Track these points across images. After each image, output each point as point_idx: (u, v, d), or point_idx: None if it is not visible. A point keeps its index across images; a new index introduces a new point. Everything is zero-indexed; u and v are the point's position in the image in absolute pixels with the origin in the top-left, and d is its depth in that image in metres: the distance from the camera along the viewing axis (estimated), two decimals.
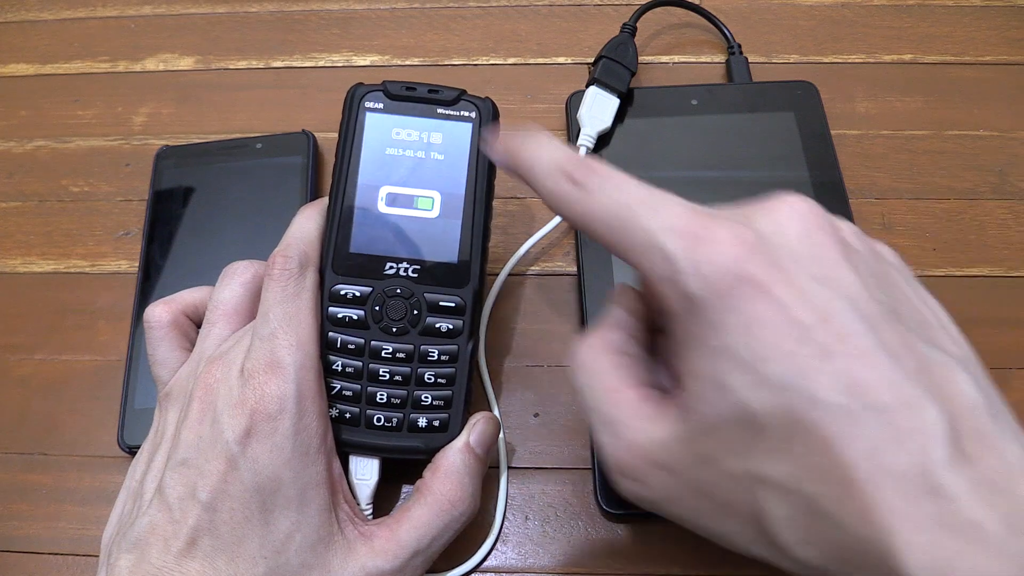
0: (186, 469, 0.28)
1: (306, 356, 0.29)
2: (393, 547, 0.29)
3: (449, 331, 0.32)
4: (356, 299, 0.32)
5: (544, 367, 0.38)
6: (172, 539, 0.27)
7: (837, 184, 0.40)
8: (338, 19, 0.49)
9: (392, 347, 0.32)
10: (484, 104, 0.33)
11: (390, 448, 0.32)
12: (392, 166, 0.32)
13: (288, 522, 0.27)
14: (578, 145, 0.41)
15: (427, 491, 0.30)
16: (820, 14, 0.48)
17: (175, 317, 0.32)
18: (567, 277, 0.40)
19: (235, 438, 0.27)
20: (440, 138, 0.32)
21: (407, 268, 0.32)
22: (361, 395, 0.31)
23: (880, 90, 0.45)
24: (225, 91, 0.47)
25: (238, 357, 0.29)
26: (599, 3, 0.49)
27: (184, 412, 0.29)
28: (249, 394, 0.28)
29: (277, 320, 0.29)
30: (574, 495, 0.35)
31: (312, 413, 0.29)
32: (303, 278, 0.30)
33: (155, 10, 0.50)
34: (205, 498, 0.27)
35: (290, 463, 0.28)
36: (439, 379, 0.32)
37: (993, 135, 0.43)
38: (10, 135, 0.46)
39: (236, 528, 0.27)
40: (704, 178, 0.41)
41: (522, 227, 0.41)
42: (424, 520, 0.29)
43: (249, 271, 0.32)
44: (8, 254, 0.42)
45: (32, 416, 0.38)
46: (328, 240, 0.32)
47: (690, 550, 0.33)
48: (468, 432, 0.32)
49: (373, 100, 0.33)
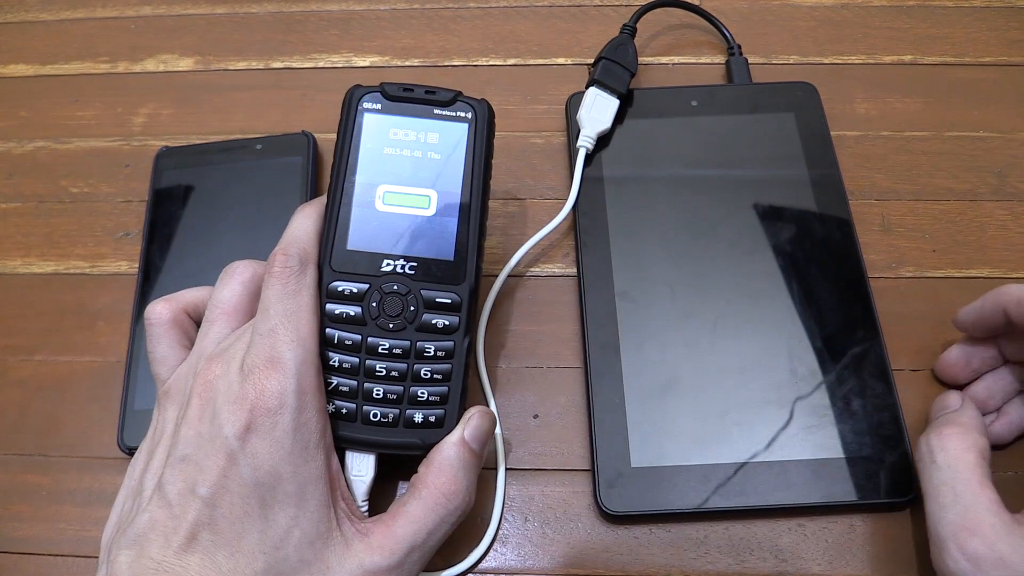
0: (186, 465, 0.28)
1: (306, 352, 0.29)
2: (390, 543, 0.29)
3: (445, 327, 0.32)
4: (353, 296, 0.32)
5: (544, 368, 0.38)
6: (172, 534, 0.27)
7: (837, 185, 0.40)
8: (338, 20, 0.49)
9: (389, 343, 0.32)
10: (480, 105, 0.33)
11: (386, 444, 0.32)
12: (389, 165, 0.33)
13: (287, 517, 0.27)
14: (578, 146, 0.41)
15: (422, 486, 0.30)
16: (820, 15, 0.48)
17: (175, 315, 0.32)
18: (567, 278, 0.40)
19: (235, 433, 0.27)
20: (437, 138, 0.33)
21: (404, 265, 0.32)
22: (358, 391, 0.32)
23: (880, 91, 0.45)
24: (225, 92, 0.47)
25: (238, 354, 0.29)
26: (599, 4, 0.49)
27: (184, 409, 0.29)
28: (249, 389, 0.28)
29: (277, 316, 0.29)
30: (574, 496, 0.35)
31: (312, 409, 0.29)
32: (303, 275, 0.30)
33: (155, 11, 0.50)
34: (205, 493, 0.27)
35: (289, 458, 0.28)
36: (435, 375, 0.32)
37: (993, 136, 0.43)
38: (10, 136, 0.46)
39: (235, 523, 0.27)
40: (704, 179, 0.41)
41: (521, 228, 0.41)
42: (419, 515, 0.29)
43: (249, 270, 0.32)
44: (8, 255, 0.42)
45: (32, 417, 0.38)
46: (326, 237, 0.32)
47: (690, 551, 0.34)
48: (463, 426, 0.32)
49: (371, 101, 0.33)
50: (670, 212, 0.40)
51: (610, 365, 0.36)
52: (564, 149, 0.44)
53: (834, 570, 0.33)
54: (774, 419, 0.35)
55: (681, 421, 0.35)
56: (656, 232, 0.40)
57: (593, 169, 0.41)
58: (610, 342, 0.37)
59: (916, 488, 0.32)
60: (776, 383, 0.36)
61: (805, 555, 0.33)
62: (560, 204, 0.41)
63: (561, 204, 0.40)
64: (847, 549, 0.33)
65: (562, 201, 0.41)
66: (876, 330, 0.37)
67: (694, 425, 0.35)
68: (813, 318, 0.37)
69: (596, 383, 0.36)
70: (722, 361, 0.36)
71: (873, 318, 0.37)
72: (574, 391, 0.37)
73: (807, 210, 0.40)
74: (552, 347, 0.38)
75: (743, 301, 0.38)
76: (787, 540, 0.34)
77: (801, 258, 0.39)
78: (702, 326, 0.37)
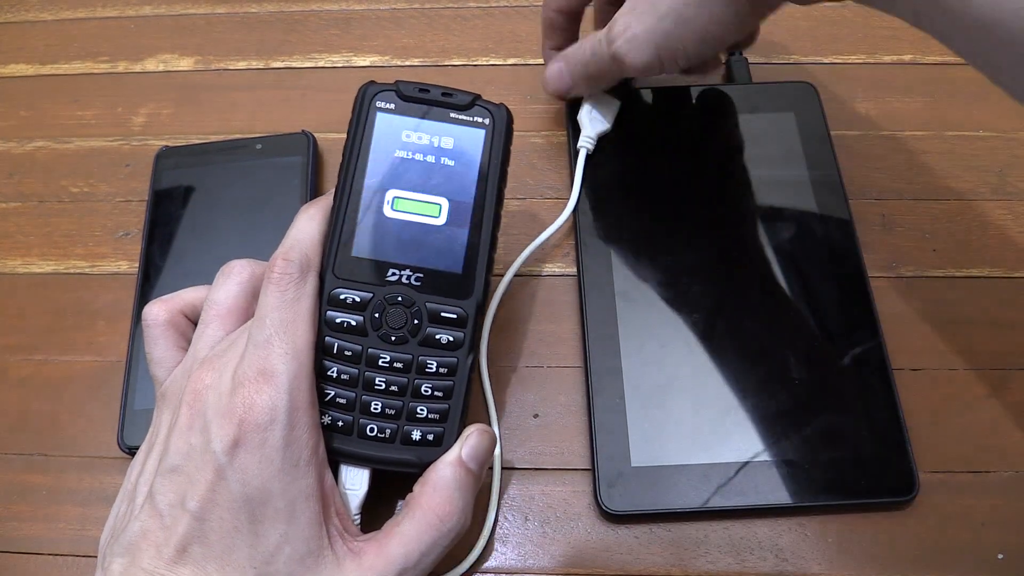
0: (176, 476, 0.27)
1: (300, 366, 0.28)
2: (381, 563, 0.28)
3: (449, 343, 0.31)
4: (356, 304, 0.31)
5: (544, 368, 0.38)
6: (163, 546, 0.27)
7: (836, 184, 0.40)
8: (338, 19, 0.49)
9: (390, 356, 0.31)
10: (499, 111, 0.32)
11: (382, 460, 0.31)
12: (400, 169, 0.31)
13: (277, 534, 0.27)
14: (579, 147, 0.41)
15: (416, 506, 0.29)
16: (820, 14, 0.48)
17: (172, 316, 0.32)
18: (567, 278, 0.40)
19: (223, 448, 0.27)
20: (451, 143, 0.32)
21: (410, 276, 0.31)
22: (355, 403, 0.31)
23: (880, 90, 0.45)
24: (225, 91, 0.47)
25: (231, 362, 0.28)
26: None
27: (175, 417, 0.29)
28: (238, 403, 0.27)
29: (273, 326, 0.28)
30: (573, 496, 0.35)
31: (304, 425, 0.28)
32: (303, 283, 0.30)
33: (155, 10, 0.50)
34: (194, 508, 0.27)
35: (279, 475, 0.27)
36: (436, 392, 0.31)
37: (993, 135, 0.43)
38: (10, 135, 0.46)
39: (225, 537, 0.27)
40: (705, 179, 0.41)
41: (523, 228, 0.41)
42: (412, 536, 0.29)
43: (246, 271, 0.31)
44: (8, 255, 0.42)
45: (32, 417, 0.38)
46: (330, 242, 0.31)
47: (690, 550, 0.34)
48: (460, 445, 0.31)
49: (385, 100, 0.32)
50: (670, 212, 0.40)
51: (610, 365, 0.36)
52: (564, 149, 0.44)
53: (834, 570, 0.33)
54: (774, 419, 0.35)
55: (681, 421, 0.35)
56: (656, 232, 0.40)
57: (593, 169, 0.41)
58: (610, 342, 0.37)
59: (917, 487, 0.32)
60: (776, 383, 0.36)
61: (805, 555, 0.33)
62: (560, 204, 0.41)
63: (561, 204, 0.40)
64: (847, 549, 0.33)
65: (562, 201, 0.41)
66: (876, 330, 0.37)
67: (694, 425, 0.35)
68: (813, 318, 0.37)
69: (596, 383, 0.36)
70: (722, 361, 0.36)
71: (873, 318, 0.37)
72: (574, 391, 0.37)
73: (807, 210, 0.40)
74: (552, 347, 0.38)
75: (744, 300, 0.38)
76: (787, 540, 0.34)
77: (801, 258, 0.39)
78: (702, 326, 0.37)
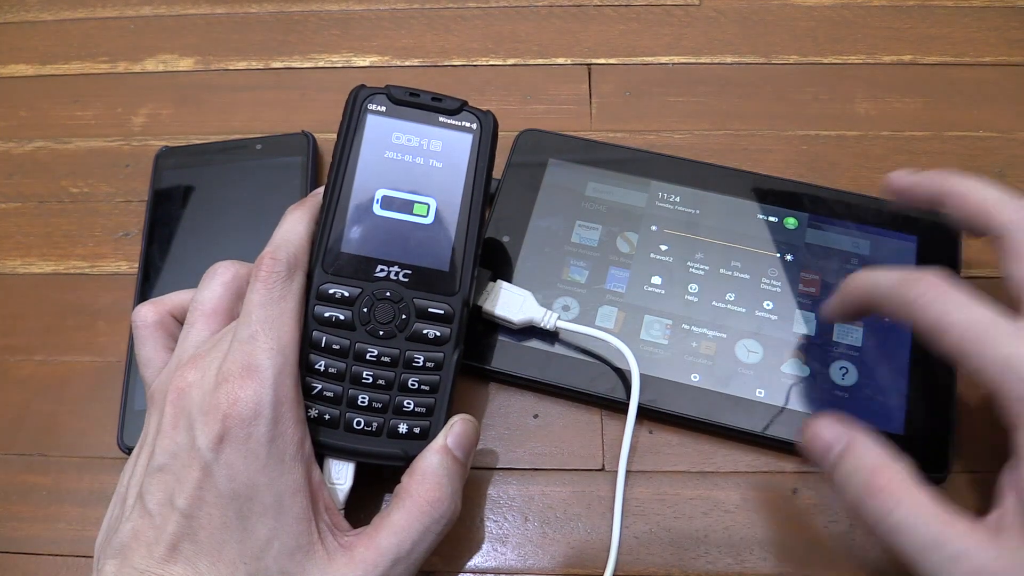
0: (164, 475, 0.28)
1: (285, 361, 0.29)
2: (373, 555, 0.28)
3: (436, 338, 0.32)
4: (344, 299, 0.31)
5: None
6: (154, 545, 0.27)
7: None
8: (338, 20, 0.49)
9: (377, 350, 0.31)
10: (486, 117, 0.33)
11: (368, 453, 0.31)
12: (390, 170, 0.32)
13: (266, 529, 0.27)
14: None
15: (405, 495, 0.30)
16: (820, 15, 0.48)
17: (161, 317, 0.32)
18: None
19: (208, 445, 0.27)
20: (440, 146, 0.33)
21: (398, 272, 0.32)
22: (342, 397, 0.31)
23: (880, 91, 0.45)
24: (225, 92, 0.47)
25: (215, 360, 0.29)
26: (599, 4, 0.49)
27: (160, 417, 0.29)
28: (222, 398, 0.27)
29: (259, 322, 0.29)
30: (573, 496, 0.35)
31: (289, 419, 0.28)
32: (290, 281, 0.30)
33: (155, 11, 0.50)
34: (182, 505, 0.27)
35: (265, 470, 0.27)
36: (423, 386, 0.31)
37: (993, 136, 0.43)
38: (10, 136, 0.46)
39: (215, 534, 0.27)
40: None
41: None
42: (403, 525, 0.29)
43: (230, 271, 0.31)
44: (8, 255, 0.42)
45: (32, 417, 0.38)
46: (320, 238, 0.32)
47: (690, 550, 0.33)
48: (445, 434, 0.31)
49: (376, 103, 0.33)
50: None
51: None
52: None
53: (836, 569, 0.33)
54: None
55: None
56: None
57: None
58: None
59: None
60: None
61: (805, 555, 0.33)
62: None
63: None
64: (847, 549, 0.33)
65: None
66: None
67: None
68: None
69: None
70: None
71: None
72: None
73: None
74: None
75: (744, 301, 0.38)
76: (787, 540, 0.34)
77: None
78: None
